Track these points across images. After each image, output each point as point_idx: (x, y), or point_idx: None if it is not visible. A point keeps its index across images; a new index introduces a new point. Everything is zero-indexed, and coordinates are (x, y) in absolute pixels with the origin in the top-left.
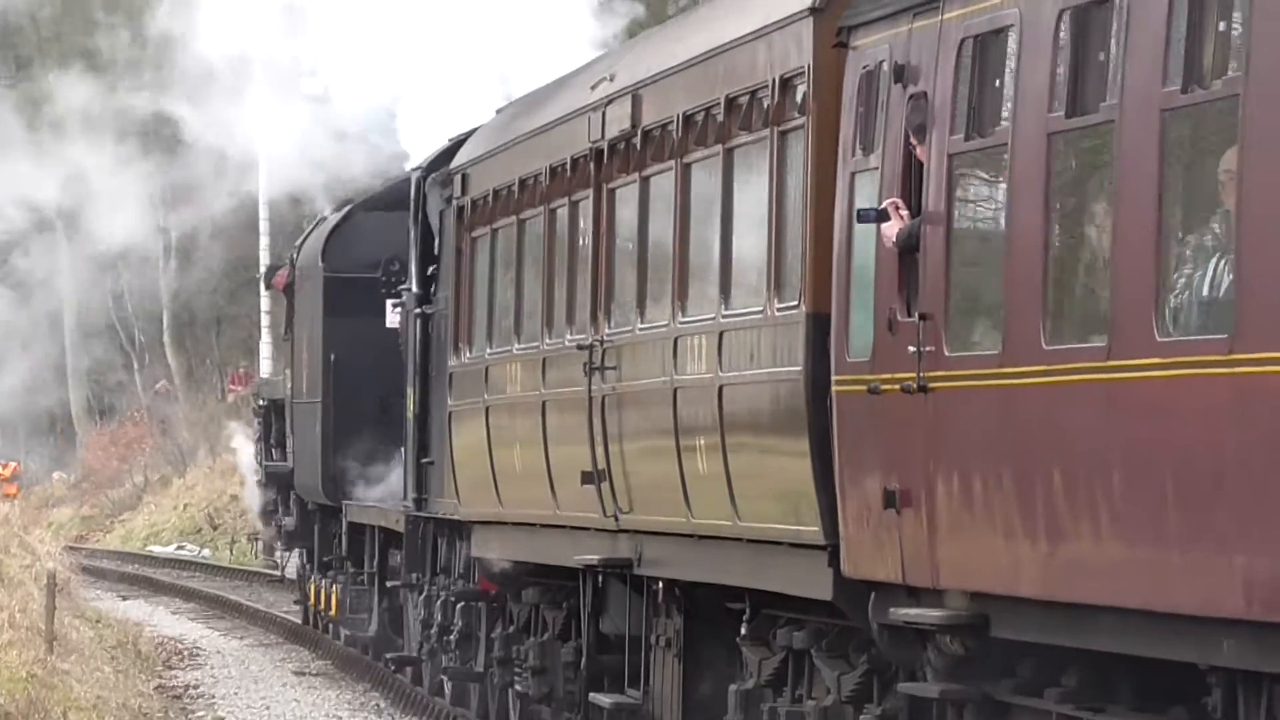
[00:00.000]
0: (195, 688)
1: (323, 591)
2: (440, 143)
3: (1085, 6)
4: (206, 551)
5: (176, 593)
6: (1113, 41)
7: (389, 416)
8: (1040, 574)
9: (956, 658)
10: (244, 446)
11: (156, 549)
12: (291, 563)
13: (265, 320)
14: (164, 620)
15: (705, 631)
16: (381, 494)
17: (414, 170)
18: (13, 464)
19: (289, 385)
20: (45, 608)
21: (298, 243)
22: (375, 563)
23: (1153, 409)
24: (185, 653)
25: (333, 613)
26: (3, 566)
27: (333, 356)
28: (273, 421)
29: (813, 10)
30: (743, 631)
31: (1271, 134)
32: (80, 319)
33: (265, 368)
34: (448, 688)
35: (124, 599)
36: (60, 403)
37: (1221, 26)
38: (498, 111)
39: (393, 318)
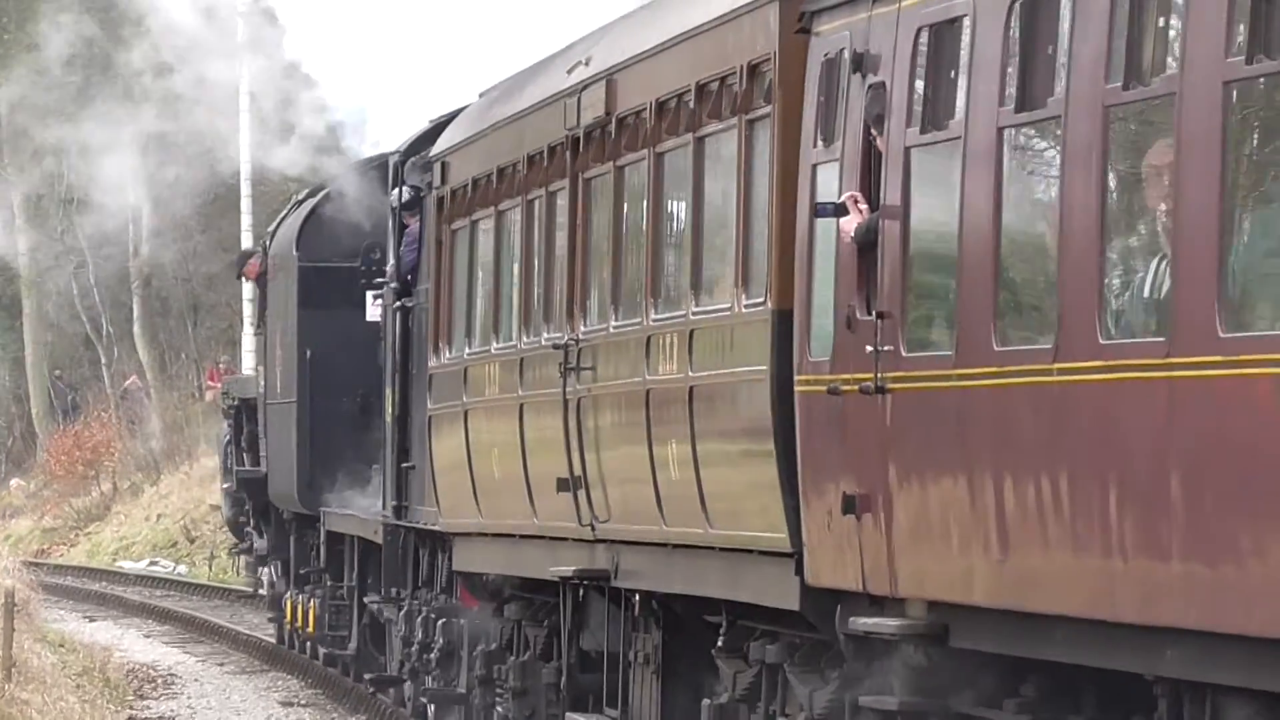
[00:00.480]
0: (171, 719)
1: (299, 608)
2: (421, 124)
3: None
4: (182, 568)
5: (149, 613)
6: (1062, 35)
7: (370, 417)
8: (993, 583)
9: (920, 669)
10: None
11: (127, 565)
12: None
13: (247, 310)
14: (135, 644)
15: (685, 647)
16: (363, 502)
17: (392, 153)
18: None
19: (262, 383)
20: (2, 631)
21: (270, 228)
22: (355, 575)
23: (1096, 413)
24: (159, 680)
25: (310, 630)
26: None
27: (309, 353)
28: (244, 423)
29: None
30: (718, 644)
31: (1201, 132)
32: (40, 306)
33: (248, 362)
34: (430, 710)
35: (91, 620)
36: (17, 401)
37: (1160, 23)
38: (480, 95)
39: (373, 311)
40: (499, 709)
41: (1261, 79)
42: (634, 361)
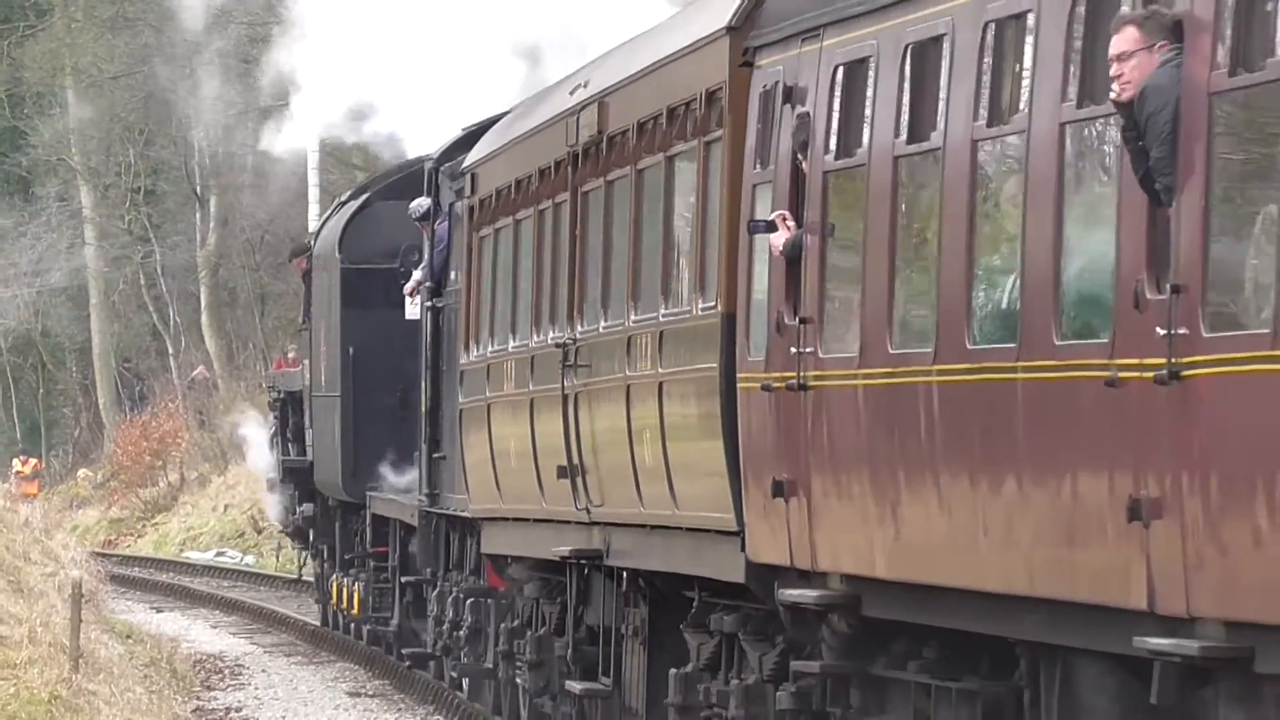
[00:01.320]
0: (238, 710)
1: (345, 590)
2: (454, 132)
3: (924, 44)
4: (250, 558)
5: (216, 604)
6: (942, 77)
7: (410, 410)
8: (891, 558)
9: (843, 635)
10: (255, 440)
11: (194, 555)
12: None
13: None
14: (202, 635)
15: (668, 620)
16: (404, 487)
17: (427, 159)
18: (33, 460)
19: (307, 377)
20: (70, 621)
21: (314, 229)
22: (397, 556)
23: (965, 409)
24: (226, 671)
25: (354, 611)
26: (22, 575)
27: (351, 350)
28: (289, 415)
29: (729, 29)
30: (687, 618)
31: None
32: (107, 296)
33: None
34: (465, 684)
35: (158, 611)
36: (84, 391)
37: (1016, 69)
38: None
39: (412, 309)
40: (518, 680)
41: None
42: (618, 359)
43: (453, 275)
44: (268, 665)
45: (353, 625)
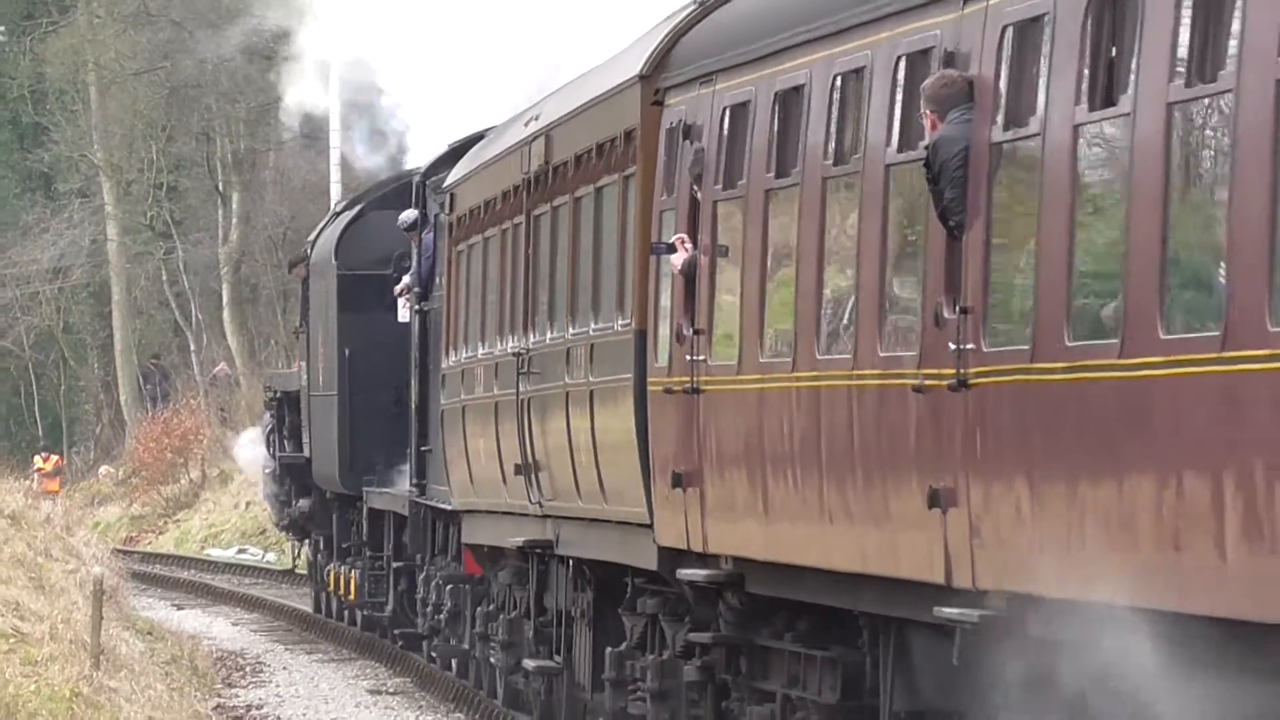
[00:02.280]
0: (259, 708)
1: (341, 577)
2: (440, 148)
3: (788, 92)
4: (271, 556)
5: (238, 601)
6: (803, 121)
7: (403, 408)
8: (764, 542)
9: (738, 611)
10: (249, 449)
11: (215, 552)
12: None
13: None
14: (224, 632)
15: (612, 603)
16: (397, 482)
17: (414, 174)
18: (54, 457)
19: (305, 378)
20: (91, 618)
21: (311, 237)
22: (391, 546)
23: (811, 413)
24: (247, 668)
25: (351, 597)
26: (44, 572)
27: (347, 351)
28: (285, 413)
29: (641, 77)
30: (623, 602)
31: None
32: (129, 292)
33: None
34: (453, 663)
35: (179, 608)
36: (106, 388)
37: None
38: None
39: (404, 313)
40: (492, 659)
41: None
42: (560, 368)
43: (438, 281)
44: (289, 663)
45: (346, 611)
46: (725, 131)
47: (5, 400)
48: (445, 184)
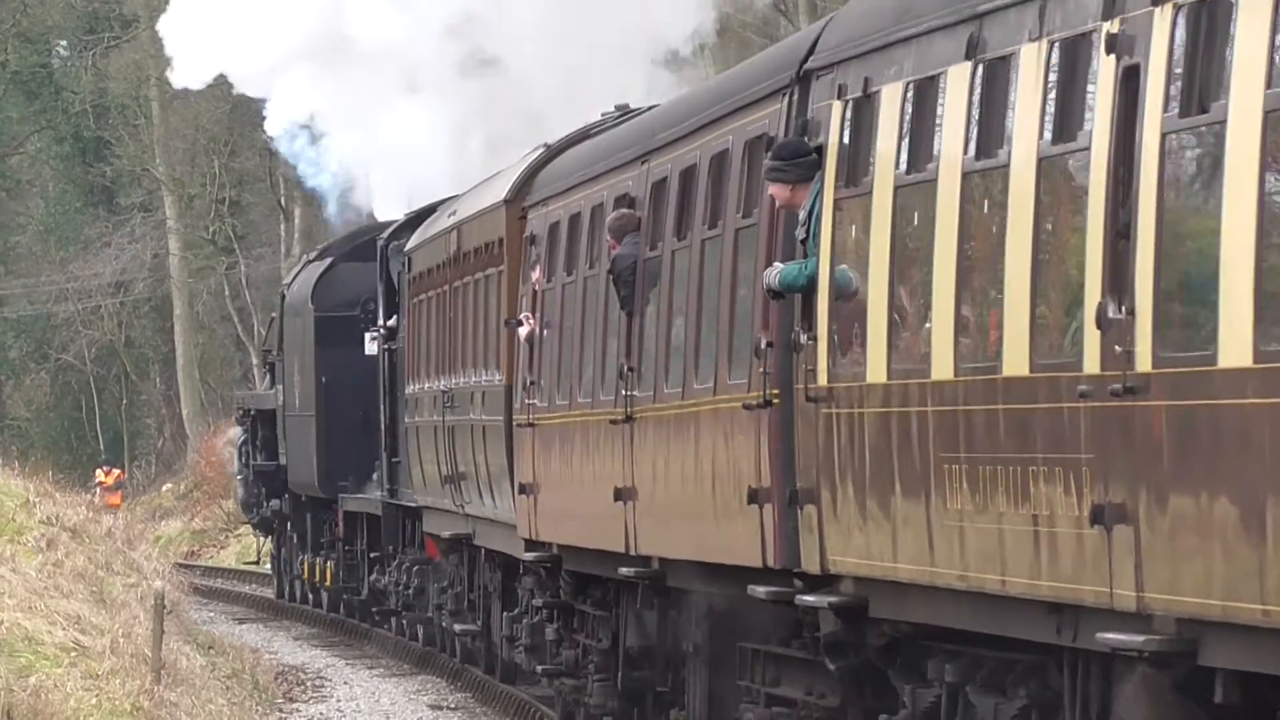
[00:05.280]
0: None
1: (316, 567)
2: (400, 216)
3: (575, 215)
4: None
5: (298, 616)
6: (583, 233)
7: (370, 427)
8: (575, 532)
9: (568, 583)
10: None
11: None
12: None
13: None
14: (284, 647)
15: (513, 583)
16: (367, 489)
17: (378, 237)
18: (116, 471)
19: (281, 399)
20: (152, 632)
21: (286, 281)
22: (365, 542)
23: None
24: (308, 683)
25: (328, 584)
26: (105, 586)
27: (324, 379)
28: (257, 428)
29: (505, 201)
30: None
31: None
32: (191, 307)
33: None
34: (420, 631)
35: (240, 623)
36: (168, 403)
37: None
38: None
39: (371, 347)
40: (444, 624)
41: None
42: (467, 406)
43: (402, 324)
44: (350, 677)
45: (310, 594)
46: (555, 240)
47: (67, 414)
48: (406, 248)
